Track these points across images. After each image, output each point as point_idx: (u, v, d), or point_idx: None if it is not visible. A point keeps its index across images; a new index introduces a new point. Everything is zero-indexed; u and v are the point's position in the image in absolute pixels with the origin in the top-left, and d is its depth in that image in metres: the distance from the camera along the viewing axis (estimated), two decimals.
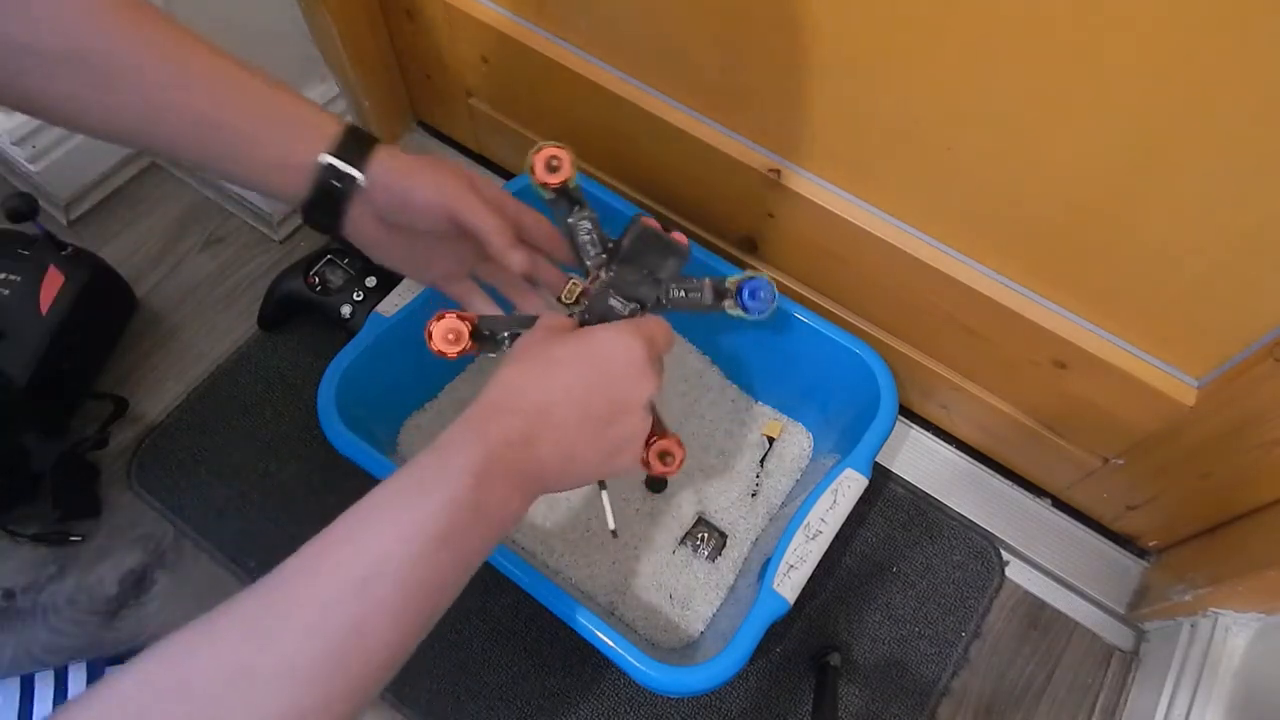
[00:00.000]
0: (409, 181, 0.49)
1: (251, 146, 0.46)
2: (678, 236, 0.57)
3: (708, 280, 0.59)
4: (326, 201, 0.48)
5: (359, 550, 0.39)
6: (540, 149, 0.53)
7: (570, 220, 0.55)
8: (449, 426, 0.44)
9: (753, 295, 0.60)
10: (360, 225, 0.51)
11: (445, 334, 0.52)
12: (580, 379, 0.46)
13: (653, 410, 0.50)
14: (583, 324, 0.54)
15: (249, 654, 0.35)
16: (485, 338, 0.54)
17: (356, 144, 0.48)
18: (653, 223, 0.56)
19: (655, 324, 0.51)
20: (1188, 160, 0.47)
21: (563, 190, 0.54)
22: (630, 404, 0.47)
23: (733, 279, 0.60)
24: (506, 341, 0.54)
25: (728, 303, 0.60)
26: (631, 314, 0.55)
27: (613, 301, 0.55)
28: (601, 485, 0.54)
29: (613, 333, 0.48)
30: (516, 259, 0.51)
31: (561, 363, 0.47)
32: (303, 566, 0.38)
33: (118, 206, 0.94)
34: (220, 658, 0.35)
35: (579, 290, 0.55)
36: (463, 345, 0.52)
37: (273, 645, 0.35)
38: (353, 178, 0.48)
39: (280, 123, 0.47)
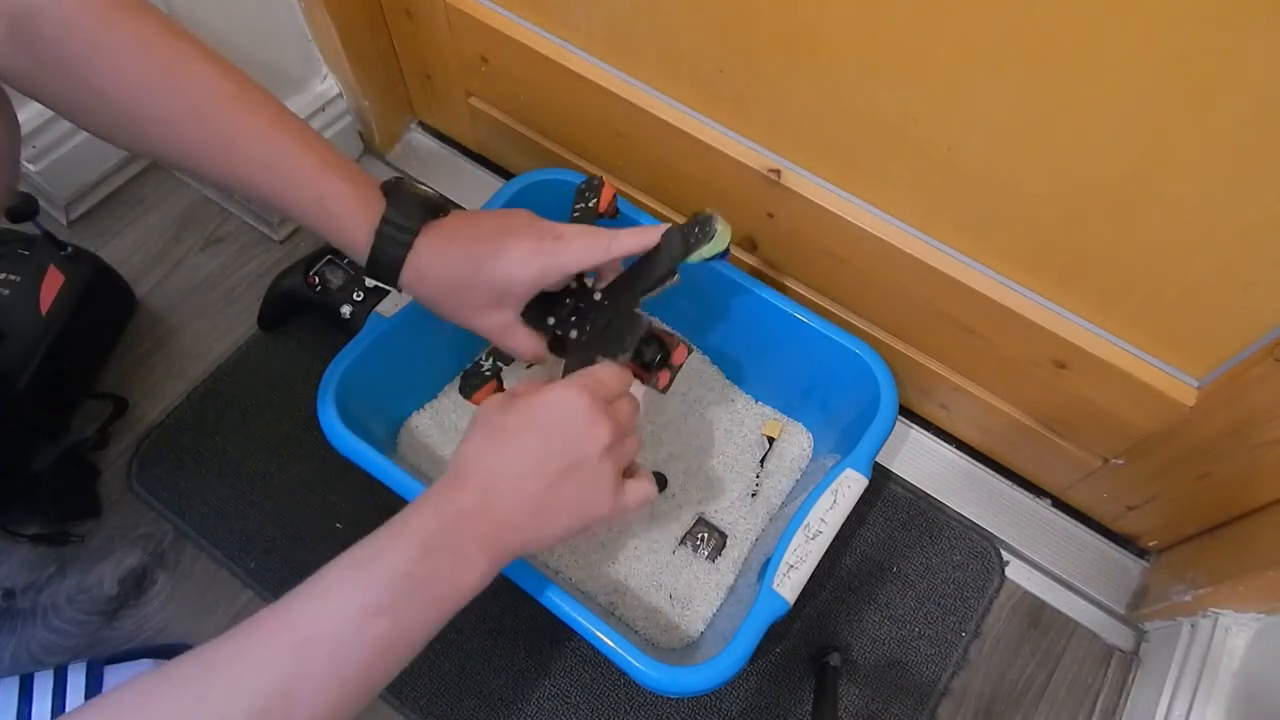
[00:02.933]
0: (428, 297, 0.56)
1: (313, 223, 0.53)
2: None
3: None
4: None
5: (298, 617, 0.41)
6: None
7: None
8: (411, 503, 0.47)
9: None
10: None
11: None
12: (529, 441, 0.49)
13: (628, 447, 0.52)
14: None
15: (186, 706, 0.37)
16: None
17: (395, 242, 0.53)
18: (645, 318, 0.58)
19: (602, 372, 0.53)
20: (1187, 160, 0.47)
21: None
22: (584, 455, 0.49)
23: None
24: None
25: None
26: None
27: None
28: None
29: (556, 392, 0.51)
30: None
31: (509, 430, 0.49)
32: (247, 629, 0.40)
33: (118, 206, 0.94)
34: (162, 708, 0.38)
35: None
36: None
37: (206, 701, 0.38)
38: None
39: (332, 221, 0.52)
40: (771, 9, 0.56)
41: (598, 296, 0.59)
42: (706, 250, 0.56)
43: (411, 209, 0.53)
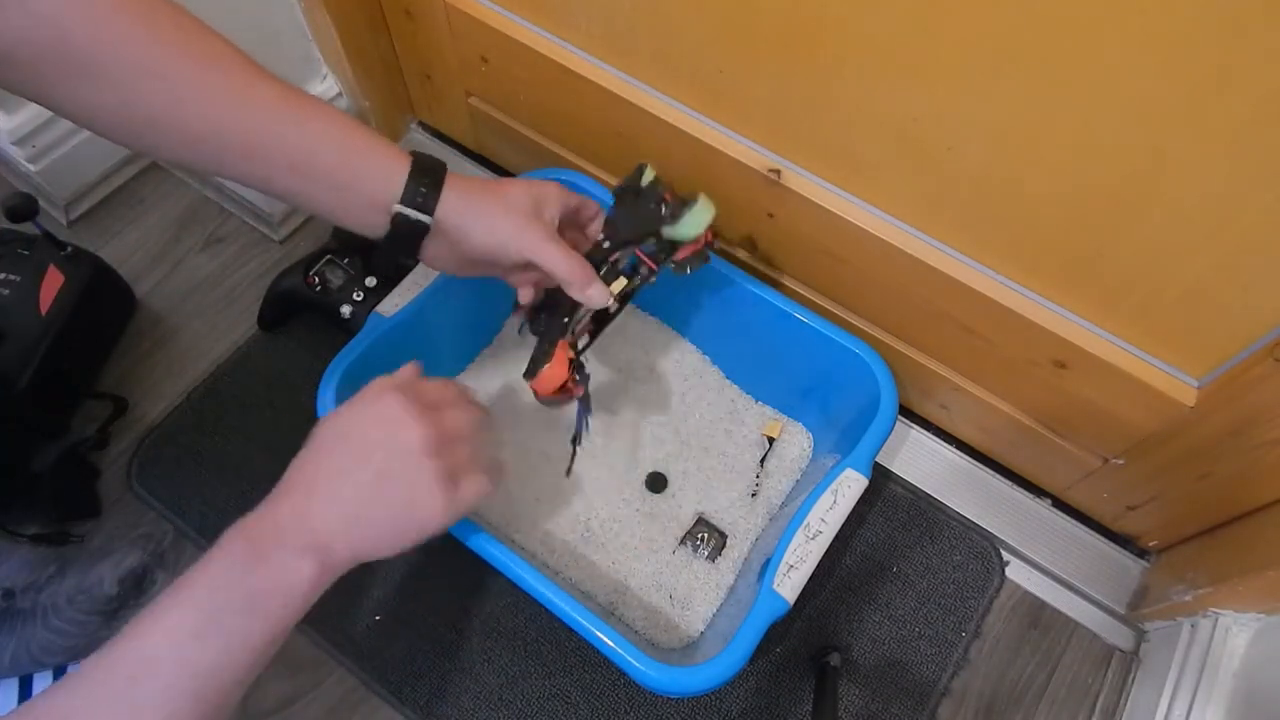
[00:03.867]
0: (467, 225, 0.53)
1: (329, 195, 0.51)
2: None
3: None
4: (404, 241, 0.53)
5: (119, 658, 0.41)
6: None
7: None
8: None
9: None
10: (434, 255, 0.55)
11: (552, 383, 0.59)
12: (344, 446, 0.50)
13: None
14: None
15: None
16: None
17: (426, 184, 0.52)
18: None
19: (424, 384, 0.54)
20: (1188, 160, 0.47)
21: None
22: (398, 456, 0.49)
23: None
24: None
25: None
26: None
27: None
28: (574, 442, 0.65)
29: (369, 396, 0.52)
30: (595, 296, 0.56)
31: (326, 438, 0.50)
32: (85, 668, 0.41)
33: (118, 206, 0.94)
34: None
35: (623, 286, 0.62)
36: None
37: None
38: (425, 224, 0.52)
39: (357, 171, 0.51)
40: (771, 9, 0.56)
41: (603, 238, 0.62)
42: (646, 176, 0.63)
43: (432, 160, 0.54)
